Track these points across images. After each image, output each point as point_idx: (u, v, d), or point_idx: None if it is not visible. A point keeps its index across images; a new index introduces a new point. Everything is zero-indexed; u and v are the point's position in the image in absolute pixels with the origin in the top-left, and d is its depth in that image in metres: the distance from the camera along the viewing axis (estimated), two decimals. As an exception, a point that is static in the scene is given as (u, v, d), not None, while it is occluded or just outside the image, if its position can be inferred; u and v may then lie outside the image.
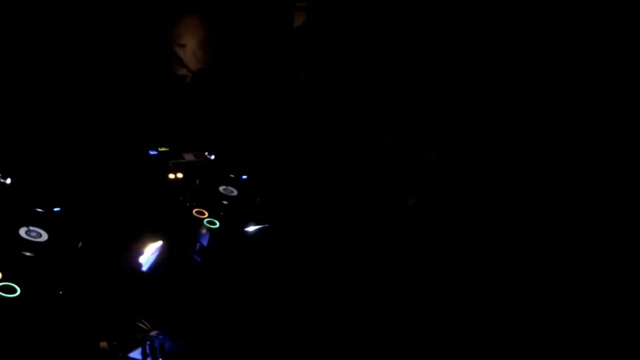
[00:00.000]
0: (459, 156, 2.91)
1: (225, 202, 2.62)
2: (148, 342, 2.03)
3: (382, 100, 3.12)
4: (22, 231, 2.04)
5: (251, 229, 2.58)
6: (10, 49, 2.74)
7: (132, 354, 2.01)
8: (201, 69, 3.21)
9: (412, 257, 2.71)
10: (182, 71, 3.20)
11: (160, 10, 3.11)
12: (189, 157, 2.83)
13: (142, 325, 2.15)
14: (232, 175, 2.77)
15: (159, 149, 2.77)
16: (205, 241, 2.48)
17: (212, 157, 2.89)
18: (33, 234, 2.05)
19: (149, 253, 2.34)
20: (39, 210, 2.15)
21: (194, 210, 2.52)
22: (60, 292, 1.95)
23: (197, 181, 2.68)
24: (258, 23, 3.26)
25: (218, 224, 2.50)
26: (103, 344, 2.04)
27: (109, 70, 2.95)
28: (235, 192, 2.70)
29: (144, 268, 2.29)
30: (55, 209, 2.19)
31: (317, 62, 3.31)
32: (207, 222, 2.50)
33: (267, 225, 2.62)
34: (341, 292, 2.53)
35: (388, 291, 2.60)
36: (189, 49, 3.20)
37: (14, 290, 1.84)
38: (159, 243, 2.37)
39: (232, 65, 3.30)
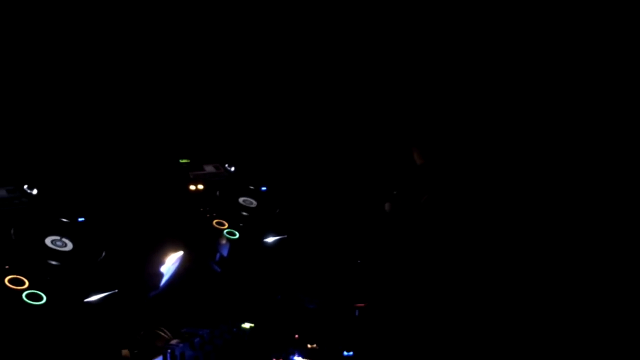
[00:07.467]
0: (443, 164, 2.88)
1: (244, 213, 2.66)
2: (169, 351, 2.06)
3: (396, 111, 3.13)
4: (48, 240, 2.09)
5: (270, 239, 2.62)
6: (36, 64, 2.80)
7: (153, 362, 2.04)
8: None
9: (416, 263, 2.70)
10: None
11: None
12: (209, 168, 2.87)
13: (163, 334, 2.18)
14: (251, 187, 2.80)
15: (180, 161, 2.82)
16: (225, 251, 2.51)
17: (232, 168, 2.93)
18: (59, 243, 2.10)
19: (170, 263, 2.37)
20: (64, 220, 2.20)
21: (214, 221, 2.56)
22: (84, 300, 1.99)
23: (217, 192, 2.72)
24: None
25: (238, 235, 2.53)
26: (125, 352, 2.07)
27: (136, 85, 3.00)
28: (254, 204, 2.73)
29: (165, 277, 2.33)
30: (80, 219, 2.24)
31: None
32: (227, 232, 2.53)
33: (285, 236, 2.64)
34: (360, 302, 2.54)
35: (402, 299, 2.60)
36: None
37: (40, 298, 1.88)
38: (180, 253, 2.41)
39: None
